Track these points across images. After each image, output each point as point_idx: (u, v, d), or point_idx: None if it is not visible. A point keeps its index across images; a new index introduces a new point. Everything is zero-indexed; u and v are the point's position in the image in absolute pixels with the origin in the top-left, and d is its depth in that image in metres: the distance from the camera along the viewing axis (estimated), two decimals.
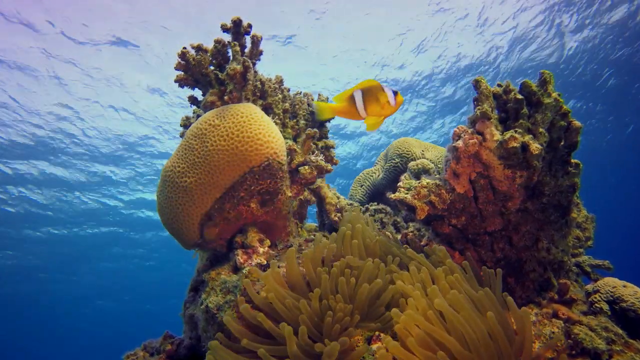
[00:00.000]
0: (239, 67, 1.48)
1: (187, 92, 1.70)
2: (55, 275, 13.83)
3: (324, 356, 0.89)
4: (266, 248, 1.35)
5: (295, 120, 1.71)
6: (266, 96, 1.62)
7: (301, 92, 1.86)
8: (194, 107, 1.73)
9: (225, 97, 1.51)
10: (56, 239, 11.29)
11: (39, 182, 8.80)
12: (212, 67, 1.58)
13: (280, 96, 1.67)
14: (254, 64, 1.61)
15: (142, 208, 10.60)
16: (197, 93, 1.71)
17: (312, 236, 1.50)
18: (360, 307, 1.03)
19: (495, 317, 0.91)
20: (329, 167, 1.67)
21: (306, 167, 1.59)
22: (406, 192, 1.37)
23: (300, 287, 1.11)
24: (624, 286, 1.35)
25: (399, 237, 1.58)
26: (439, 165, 1.92)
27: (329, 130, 1.97)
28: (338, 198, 1.82)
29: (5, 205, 9.31)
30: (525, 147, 1.17)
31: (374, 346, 0.97)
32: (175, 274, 13.05)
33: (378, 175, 2.33)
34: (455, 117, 8.50)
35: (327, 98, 1.94)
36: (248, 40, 1.59)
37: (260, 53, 1.63)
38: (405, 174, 1.56)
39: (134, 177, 9.36)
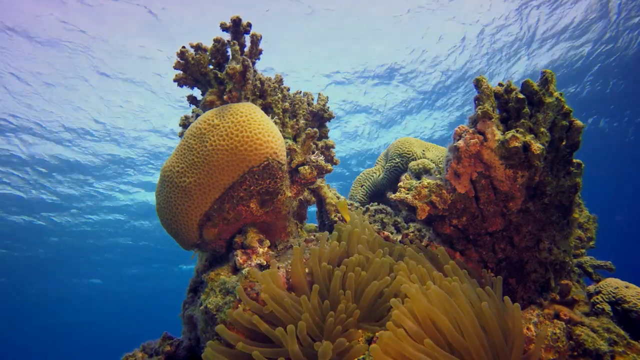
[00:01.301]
0: (238, 67, 1.47)
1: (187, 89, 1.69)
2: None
3: (319, 356, 0.88)
4: (266, 248, 1.34)
5: (295, 120, 1.70)
6: (266, 95, 1.61)
7: (301, 91, 1.86)
8: (193, 107, 1.72)
9: (225, 97, 1.50)
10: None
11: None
12: (211, 67, 1.57)
13: (280, 95, 1.66)
14: (253, 63, 1.60)
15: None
16: (197, 92, 1.70)
17: (312, 236, 1.49)
18: (365, 306, 1.03)
19: (490, 311, 0.92)
20: (329, 167, 1.66)
21: (306, 167, 1.58)
22: (407, 192, 1.36)
23: (302, 287, 1.10)
24: (626, 287, 1.34)
25: (400, 237, 1.57)
26: (439, 165, 1.91)
27: (329, 130, 1.96)
28: (338, 198, 1.81)
29: None
30: (526, 146, 1.16)
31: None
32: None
33: (379, 175, 2.32)
34: None
35: (327, 98, 1.93)
36: (247, 39, 1.58)
37: (260, 52, 1.62)
38: (406, 174, 1.55)
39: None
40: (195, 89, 1.65)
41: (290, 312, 1.00)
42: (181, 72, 1.57)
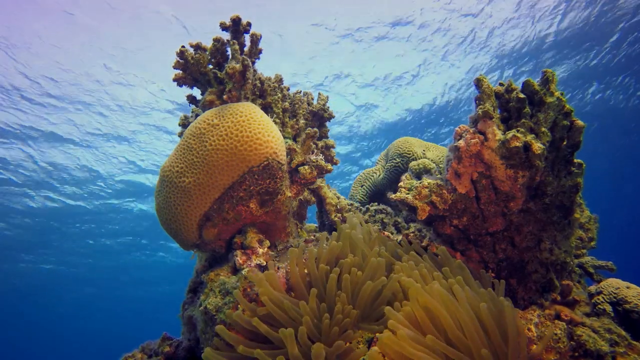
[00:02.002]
0: (238, 66, 1.46)
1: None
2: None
3: (312, 357, 0.88)
4: (265, 249, 1.34)
5: (295, 120, 1.70)
6: (265, 95, 1.60)
7: (301, 91, 1.85)
8: (193, 107, 1.71)
9: (224, 96, 1.50)
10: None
11: None
12: (210, 66, 1.56)
13: (279, 95, 1.65)
14: (253, 63, 1.59)
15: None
16: (196, 92, 1.70)
17: (312, 237, 1.48)
18: (363, 306, 1.02)
19: (487, 311, 0.91)
20: (329, 167, 1.66)
21: (306, 167, 1.58)
22: (407, 192, 1.35)
23: (300, 288, 1.10)
24: (628, 287, 1.34)
25: (400, 237, 1.56)
26: (440, 165, 1.91)
27: (329, 130, 1.95)
28: (338, 198, 1.80)
29: None
30: (527, 146, 1.16)
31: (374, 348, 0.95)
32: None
33: (379, 175, 2.31)
34: None
35: (327, 97, 1.92)
36: (247, 38, 1.57)
37: (260, 51, 1.62)
38: (406, 174, 1.55)
39: None
40: (195, 88, 1.64)
41: (290, 314, 1.00)
42: (180, 71, 1.57)
